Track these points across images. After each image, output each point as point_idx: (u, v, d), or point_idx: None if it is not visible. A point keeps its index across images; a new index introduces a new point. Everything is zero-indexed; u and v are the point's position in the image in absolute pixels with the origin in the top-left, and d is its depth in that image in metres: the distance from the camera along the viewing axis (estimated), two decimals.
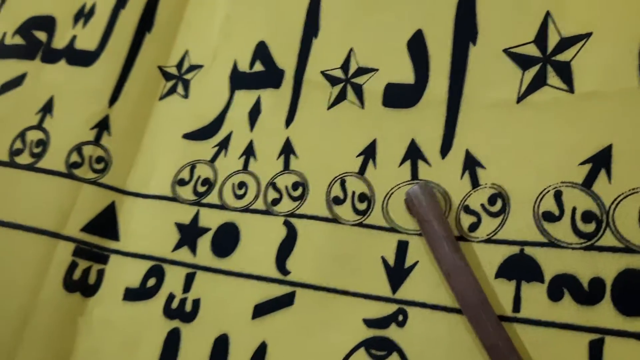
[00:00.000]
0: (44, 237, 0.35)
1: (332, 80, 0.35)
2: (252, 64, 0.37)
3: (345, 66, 0.35)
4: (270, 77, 0.36)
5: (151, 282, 0.34)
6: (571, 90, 0.29)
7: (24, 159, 0.38)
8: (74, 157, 0.37)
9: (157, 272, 0.34)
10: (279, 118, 0.35)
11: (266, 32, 0.38)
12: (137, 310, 0.34)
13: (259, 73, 0.37)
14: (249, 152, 0.35)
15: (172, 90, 0.39)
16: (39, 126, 0.38)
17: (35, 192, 0.37)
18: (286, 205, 0.33)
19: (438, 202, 0.30)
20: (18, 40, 0.42)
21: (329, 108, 0.34)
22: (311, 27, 0.36)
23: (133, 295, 0.34)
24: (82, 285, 0.35)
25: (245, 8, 0.39)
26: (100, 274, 0.35)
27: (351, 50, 0.35)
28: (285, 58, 0.36)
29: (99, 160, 0.37)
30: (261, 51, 0.37)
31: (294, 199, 0.33)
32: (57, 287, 0.34)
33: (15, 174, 0.37)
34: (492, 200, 0.29)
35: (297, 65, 0.36)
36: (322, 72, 0.35)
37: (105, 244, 0.36)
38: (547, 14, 0.31)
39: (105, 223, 0.36)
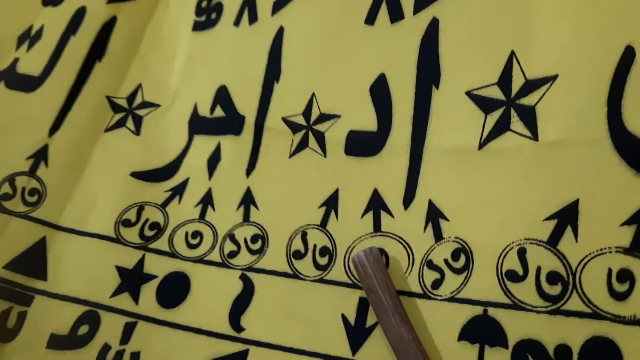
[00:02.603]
0: None
1: (294, 127, 0.34)
2: (212, 109, 0.36)
3: (307, 112, 0.34)
4: (231, 123, 0.35)
5: (83, 329, 0.31)
6: (535, 137, 0.29)
7: None
8: (5, 189, 0.34)
9: (91, 319, 0.31)
10: (239, 166, 0.34)
11: (227, 76, 0.37)
12: None
13: (220, 118, 0.36)
14: (207, 201, 0.33)
15: (120, 124, 0.37)
16: None
17: None
18: (244, 258, 0.31)
19: (385, 269, 0.29)
20: None
21: (290, 156, 0.33)
22: (273, 71, 0.36)
23: (60, 343, 0.31)
24: None
25: (208, 50, 0.38)
26: (22, 316, 0.32)
27: (313, 95, 0.34)
28: (246, 103, 0.35)
29: (32, 193, 0.34)
30: (222, 95, 0.36)
31: (252, 252, 0.31)
32: None
33: None
34: (455, 255, 0.28)
35: (258, 111, 0.35)
36: (284, 119, 0.34)
37: (30, 283, 0.32)
38: (512, 54, 0.30)
39: (33, 260, 0.33)
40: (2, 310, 0.31)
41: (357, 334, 0.28)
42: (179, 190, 0.34)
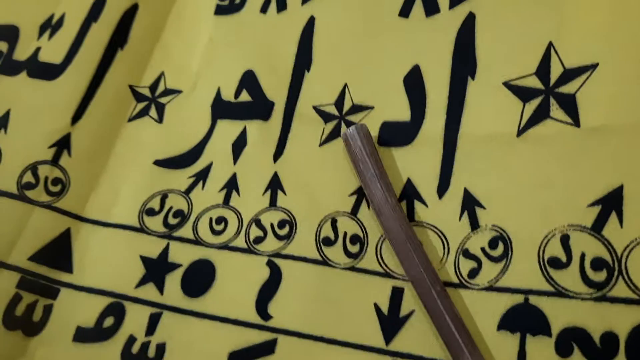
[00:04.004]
0: None
1: (325, 117, 0.33)
2: (237, 93, 0.35)
3: (339, 103, 0.33)
4: (259, 108, 0.34)
5: (109, 321, 0.30)
6: (577, 124, 0.28)
7: None
8: (28, 177, 0.33)
9: (116, 311, 0.30)
10: (266, 151, 0.33)
11: (254, 61, 0.36)
12: (90, 353, 0.30)
13: (246, 103, 0.35)
14: (231, 185, 0.33)
15: (143, 113, 0.36)
16: None
17: None
18: (271, 244, 0.30)
19: (373, 142, 0.30)
20: None
21: (321, 144, 0.32)
22: (303, 59, 0.35)
23: (86, 335, 0.30)
24: (24, 323, 0.31)
25: (231, 34, 0.37)
26: (48, 310, 0.31)
27: (345, 85, 0.33)
28: (276, 89, 0.34)
29: (56, 182, 0.34)
30: (248, 80, 0.35)
31: (279, 237, 0.31)
32: None
33: None
34: (493, 243, 0.27)
35: (288, 98, 0.34)
36: (315, 107, 0.33)
37: (56, 275, 0.32)
38: (550, 45, 0.30)
39: (58, 252, 0.32)
40: (28, 303, 0.31)
41: (390, 323, 0.27)
42: (202, 176, 0.33)
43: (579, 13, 0.30)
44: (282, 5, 0.37)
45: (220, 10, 0.38)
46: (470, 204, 0.29)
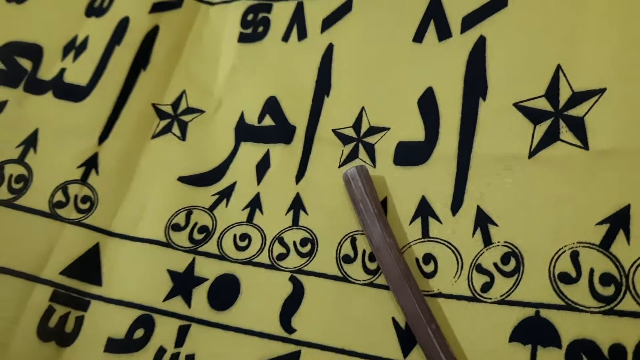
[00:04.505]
0: (19, 280, 0.32)
1: (344, 139, 0.34)
2: (261, 118, 0.36)
3: (357, 125, 0.34)
4: (281, 132, 0.36)
5: (139, 333, 0.31)
6: (585, 146, 0.29)
7: (2, 193, 0.35)
8: (59, 196, 0.35)
9: (146, 323, 0.32)
10: (289, 173, 0.34)
11: (276, 88, 0.37)
12: None
13: (269, 127, 0.36)
14: (255, 204, 0.34)
15: (166, 130, 0.38)
16: (20, 160, 0.36)
17: (13, 230, 0.34)
18: (293, 261, 0.32)
19: (372, 183, 0.31)
20: None
21: (340, 166, 0.34)
22: (323, 85, 0.36)
23: (117, 346, 0.31)
24: (58, 334, 0.32)
25: (254, 62, 0.39)
26: (79, 321, 0.32)
27: (363, 109, 0.35)
28: (297, 115, 0.36)
29: (85, 200, 0.35)
30: (271, 106, 0.37)
31: (302, 255, 0.32)
32: (31, 336, 0.31)
33: None
34: (505, 259, 0.29)
35: (309, 122, 0.35)
36: (334, 131, 0.35)
37: (86, 288, 0.33)
38: (558, 68, 0.31)
39: (88, 266, 0.34)
40: (61, 315, 0.32)
41: (407, 337, 0.28)
42: (226, 194, 0.35)
43: (587, 38, 0.31)
44: (302, 34, 0.38)
45: (243, 38, 0.40)
46: (483, 221, 0.30)
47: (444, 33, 0.35)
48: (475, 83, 0.33)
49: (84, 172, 0.36)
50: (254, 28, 0.40)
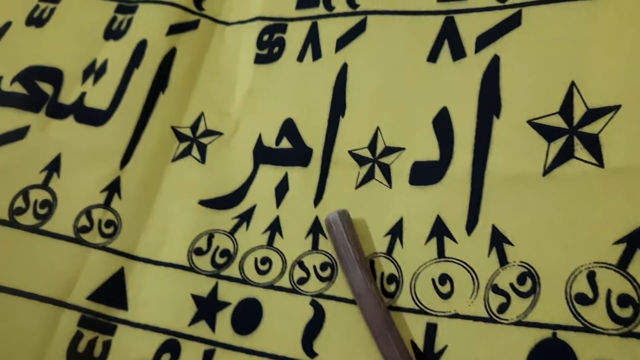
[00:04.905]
0: (47, 306, 0.33)
1: (360, 160, 0.35)
2: (278, 140, 0.37)
3: (372, 146, 0.35)
4: (299, 155, 0.36)
5: (165, 357, 0.32)
6: (600, 164, 0.29)
7: (27, 219, 0.36)
8: (83, 221, 0.36)
9: (172, 347, 0.32)
10: (307, 196, 0.35)
11: (293, 110, 0.38)
12: None
13: (287, 150, 0.37)
14: (274, 228, 0.34)
15: (186, 152, 0.38)
16: (44, 186, 0.37)
17: (40, 256, 0.35)
18: (313, 285, 0.32)
19: (354, 229, 0.32)
20: (18, 88, 0.41)
21: (357, 187, 0.34)
22: (338, 106, 0.37)
23: None
24: (87, 358, 0.33)
25: (271, 83, 0.39)
26: (107, 346, 0.33)
27: (378, 129, 0.35)
28: (314, 137, 0.36)
29: (109, 225, 0.36)
30: (288, 128, 0.37)
31: (322, 279, 0.32)
32: None
33: (16, 235, 0.35)
34: (521, 279, 0.29)
35: (325, 144, 0.36)
36: (350, 152, 0.35)
37: (113, 313, 0.34)
38: (572, 84, 0.31)
39: (113, 291, 0.34)
40: (89, 340, 0.33)
41: (427, 359, 0.29)
42: (246, 217, 0.35)
43: (600, 54, 0.31)
44: (317, 54, 0.39)
45: (259, 60, 0.40)
46: (498, 240, 0.30)
47: (458, 53, 0.35)
48: (489, 101, 0.33)
49: (107, 196, 0.36)
50: (269, 49, 0.40)
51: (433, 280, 0.30)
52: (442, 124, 0.34)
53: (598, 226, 0.28)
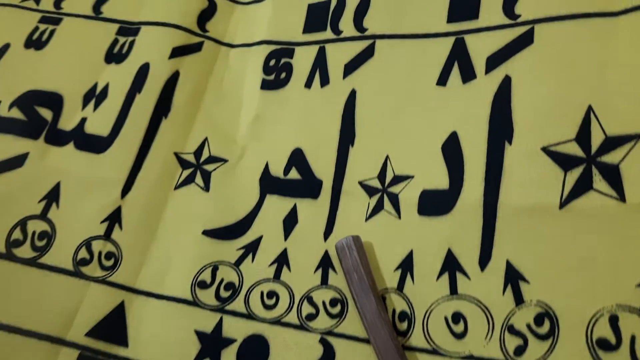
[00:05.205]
0: (45, 343, 0.32)
1: (370, 191, 0.34)
2: (286, 170, 0.36)
3: (381, 175, 0.34)
4: (309, 186, 0.35)
5: None
6: (622, 198, 0.28)
7: (25, 252, 0.35)
8: (83, 254, 0.35)
9: None
10: (317, 230, 0.34)
11: (302, 138, 0.37)
12: None
13: (296, 181, 0.36)
14: (282, 260, 0.33)
15: (189, 180, 0.37)
16: (42, 216, 0.36)
17: (37, 291, 0.34)
18: (323, 321, 0.31)
19: (366, 255, 0.31)
20: (17, 113, 0.40)
21: (366, 219, 0.33)
22: (347, 134, 0.36)
23: None
24: None
25: (278, 110, 0.38)
26: None
27: (387, 157, 0.34)
28: (323, 168, 0.35)
29: (109, 257, 0.35)
30: (297, 158, 0.36)
31: (331, 316, 0.31)
32: None
33: (14, 268, 0.34)
34: (538, 320, 0.27)
35: (335, 175, 0.35)
36: (360, 183, 0.34)
37: (113, 350, 0.33)
38: (590, 109, 0.30)
39: (113, 326, 0.33)
40: None
41: None
42: (251, 248, 0.34)
43: (620, 78, 0.30)
44: (325, 80, 0.38)
45: (266, 85, 0.39)
46: (513, 277, 0.29)
47: (468, 74, 0.34)
48: (501, 126, 0.32)
49: (107, 227, 0.35)
50: (276, 74, 0.39)
51: (446, 318, 0.29)
52: (452, 150, 0.33)
53: (620, 266, 0.27)
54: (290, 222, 0.34)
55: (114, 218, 0.35)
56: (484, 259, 0.30)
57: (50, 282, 0.34)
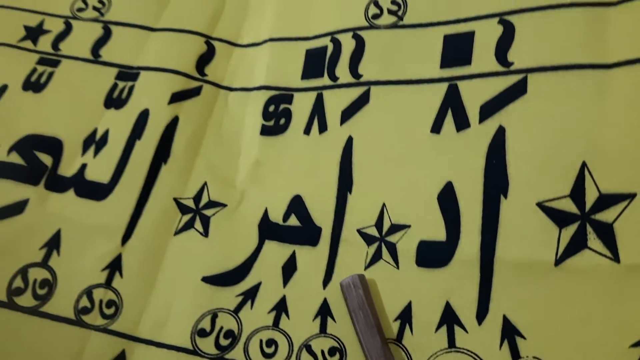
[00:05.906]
0: None
1: (368, 239, 0.34)
2: (286, 217, 0.36)
3: (379, 223, 0.34)
4: (308, 234, 0.35)
5: None
6: (616, 258, 0.28)
7: (26, 300, 0.35)
8: (83, 302, 0.35)
9: None
10: (316, 277, 0.34)
11: (301, 185, 0.37)
12: None
13: (295, 228, 0.36)
14: (281, 308, 0.34)
15: (189, 225, 0.37)
16: (43, 264, 0.36)
17: (39, 340, 0.34)
18: None
19: (371, 291, 0.31)
20: (16, 158, 0.40)
21: (365, 268, 0.33)
22: (345, 181, 0.36)
23: None
24: None
25: (278, 156, 0.39)
26: None
27: (384, 205, 0.34)
28: (322, 215, 0.36)
29: (110, 305, 0.35)
30: (297, 205, 0.36)
31: None
32: None
33: (15, 318, 0.34)
34: None
35: (334, 223, 0.35)
36: (358, 231, 0.34)
37: None
38: (584, 165, 0.30)
39: None
40: None
41: None
42: (250, 295, 0.35)
43: (613, 134, 0.31)
44: (323, 126, 0.38)
45: (266, 131, 0.40)
46: (510, 332, 0.29)
47: (462, 123, 0.35)
48: (496, 178, 0.32)
49: (108, 275, 0.36)
50: (275, 120, 0.40)
51: None
52: (448, 200, 0.33)
53: (613, 326, 0.27)
54: (289, 268, 0.35)
55: (115, 266, 0.36)
56: (482, 313, 0.30)
57: (52, 331, 0.34)
